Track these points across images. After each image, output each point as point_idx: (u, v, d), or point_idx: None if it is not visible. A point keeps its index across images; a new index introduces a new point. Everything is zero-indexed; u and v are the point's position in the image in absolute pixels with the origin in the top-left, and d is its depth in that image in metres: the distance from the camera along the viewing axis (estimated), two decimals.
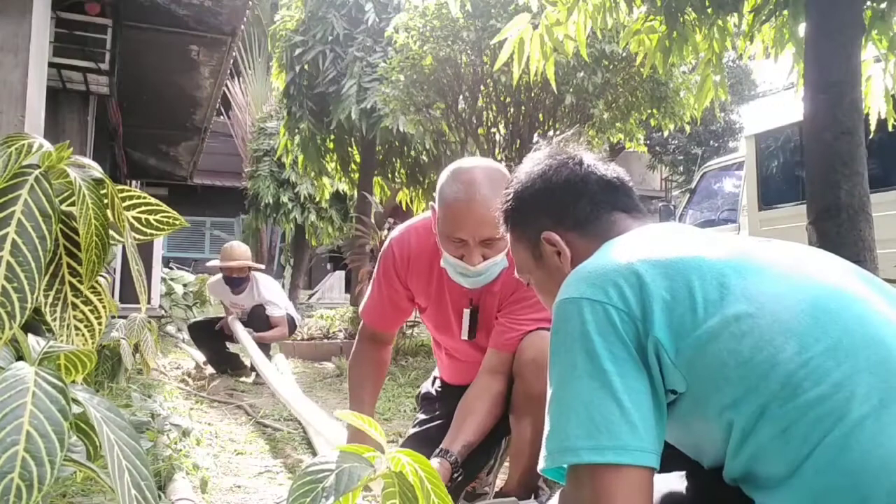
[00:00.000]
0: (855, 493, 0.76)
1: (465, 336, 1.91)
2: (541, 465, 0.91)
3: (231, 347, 5.31)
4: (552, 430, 0.89)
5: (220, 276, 5.37)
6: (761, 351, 0.82)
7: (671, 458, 0.96)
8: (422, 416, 2.12)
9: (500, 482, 2.00)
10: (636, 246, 0.96)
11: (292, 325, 5.59)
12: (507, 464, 1.98)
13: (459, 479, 1.69)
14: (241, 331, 4.97)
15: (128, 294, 7.49)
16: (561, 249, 1.10)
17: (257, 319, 5.20)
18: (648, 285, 0.88)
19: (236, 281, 5.21)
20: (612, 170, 1.16)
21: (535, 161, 1.18)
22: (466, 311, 1.91)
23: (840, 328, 0.83)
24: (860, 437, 0.77)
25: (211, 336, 5.21)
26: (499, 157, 6.35)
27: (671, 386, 0.87)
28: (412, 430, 2.08)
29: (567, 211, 1.11)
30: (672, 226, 1.09)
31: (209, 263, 5.87)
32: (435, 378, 2.22)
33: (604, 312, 0.88)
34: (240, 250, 5.30)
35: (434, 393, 2.17)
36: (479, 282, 1.77)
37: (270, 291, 5.33)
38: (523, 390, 1.76)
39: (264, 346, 4.99)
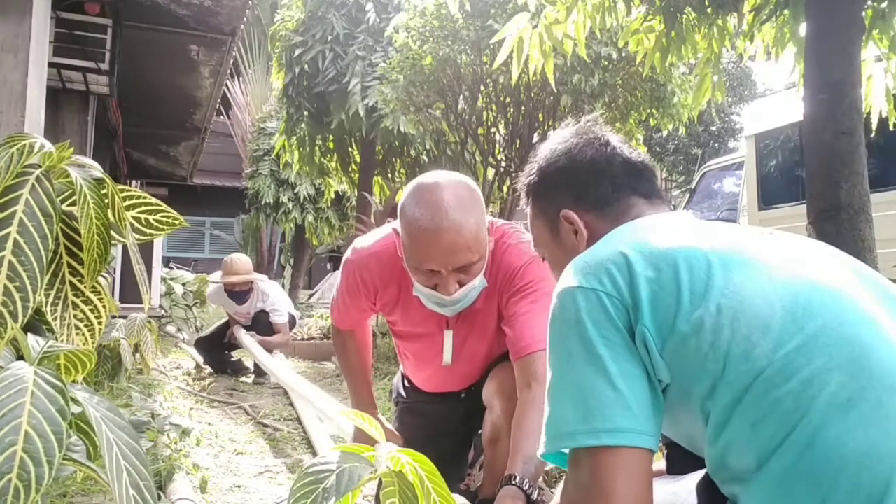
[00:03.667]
0: (816, 490, 0.76)
1: (447, 361, 1.80)
2: (541, 450, 0.93)
3: (234, 355, 5.34)
4: (551, 416, 0.91)
5: (220, 285, 5.31)
6: (738, 345, 0.83)
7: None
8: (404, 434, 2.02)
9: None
10: (632, 236, 0.98)
11: (292, 324, 5.60)
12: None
13: (537, 498, 1.47)
14: (244, 336, 5.00)
15: (128, 294, 7.48)
16: (578, 229, 1.10)
17: (260, 324, 5.20)
18: (638, 274, 0.90)
19: (239, 294, 5.17)
20: (636, 153, 1.16)
21: (561, 138, 1.18)
22: (448, 333, 1.79)
23: (817, 325, 0.83)
24: (825, 435, 0.77)
25: (218, 347, 5.23)
26: (499, 157, 6.36)
27: (658, 376, 0.89)
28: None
29: (588, 190, 1.11)
30: (674, 215, 1.09)
31: (210, 278, 5.79)
32: (404, 376, 2.16)
33: (597, 299, 0.90)
34: (240, 264, 5.14)
35: (405, 395, 2.11)
36: (458, 308, 1.64)
37: (273, 299, 5.28)
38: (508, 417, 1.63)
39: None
